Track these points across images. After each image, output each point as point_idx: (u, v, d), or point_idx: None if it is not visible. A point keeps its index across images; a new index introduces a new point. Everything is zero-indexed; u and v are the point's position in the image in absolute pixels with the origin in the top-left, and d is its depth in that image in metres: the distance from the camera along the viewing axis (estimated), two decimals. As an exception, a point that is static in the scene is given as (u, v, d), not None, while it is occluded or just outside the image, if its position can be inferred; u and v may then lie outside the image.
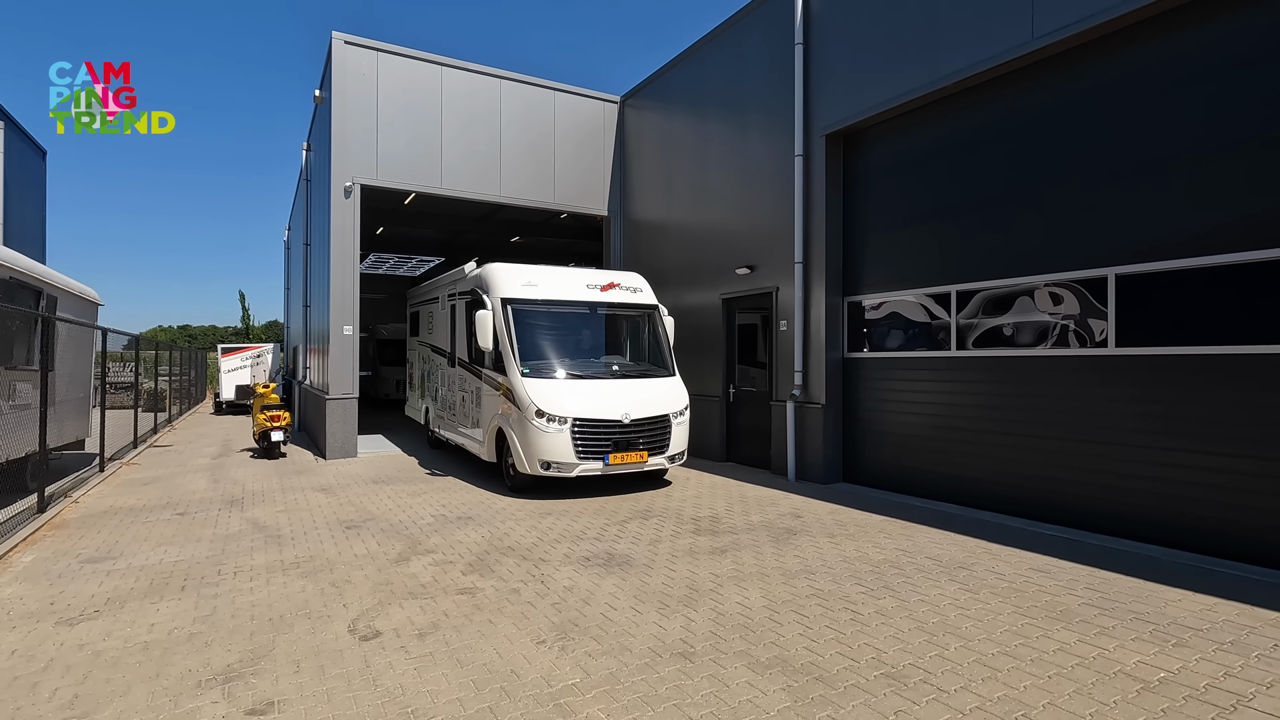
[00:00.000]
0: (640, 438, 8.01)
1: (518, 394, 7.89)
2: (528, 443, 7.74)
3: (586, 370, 8.57)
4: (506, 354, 8.22)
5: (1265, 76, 5.38)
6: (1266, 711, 3.16)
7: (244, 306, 40.40)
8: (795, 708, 3.24)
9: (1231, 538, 5.46)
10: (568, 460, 7.67)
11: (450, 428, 10.68)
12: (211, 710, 3.28)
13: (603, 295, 9.17)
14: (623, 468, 7.90)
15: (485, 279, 8.90)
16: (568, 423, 7.67)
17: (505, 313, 8.41)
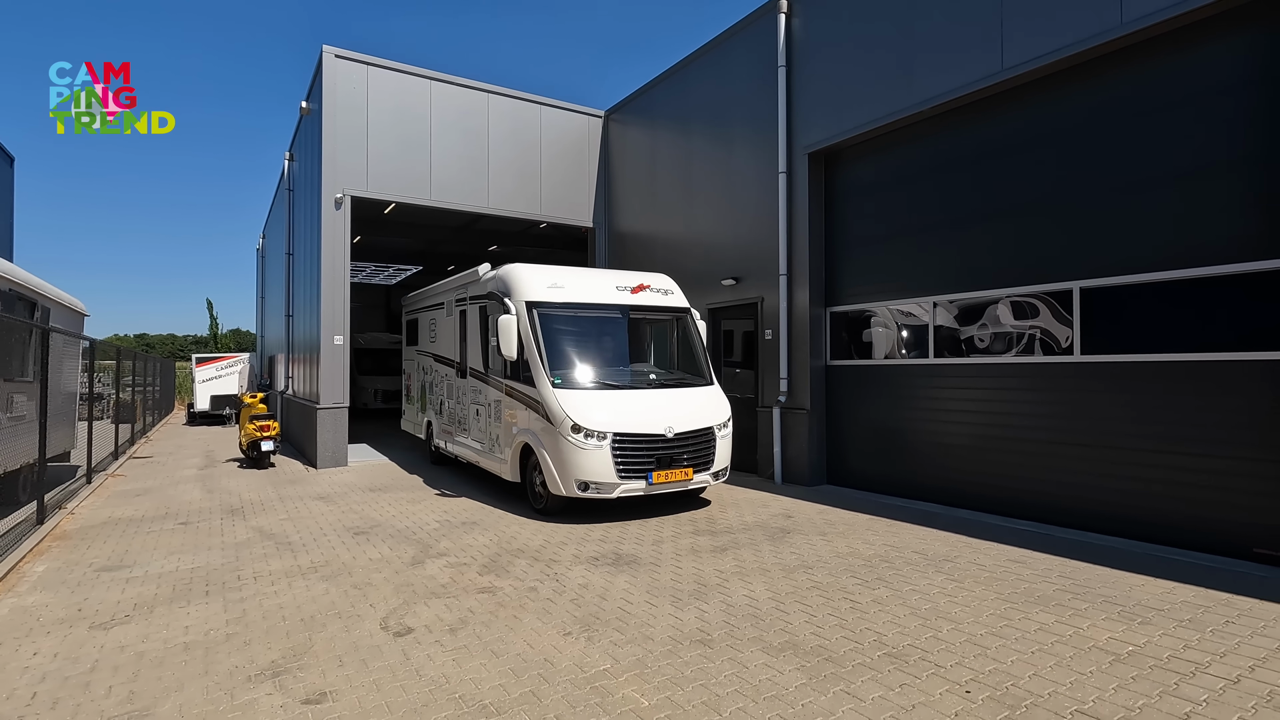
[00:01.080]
0: (685, 453, 7.32)
1: (549, 407, 7.18)
2: (562, 461, 7.03)
3: (623, 380, 7.91)
4: (534, 363, 7.51)
5: (1205, 112, 5.94)
6: (1221, 676, 3.59)
7: (212, 314, 39.70)
8: (811, 684, 3.57)
9: (1188, 530, 5.97)
10: (608, 480, 6.97)
11: (460, 444, 9.93)
12: (268, 701, 3.49)
13: (633, 298, 8.49)
14: (666, 487, 7.23)
15: (507, 281, 8.20)
16: (607, 438, 6.98)
17: (531, 318, 7.70)
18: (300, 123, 14.44)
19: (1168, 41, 6.18)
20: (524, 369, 7.69)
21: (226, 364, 21.78)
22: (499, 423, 8.35)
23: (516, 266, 8.37)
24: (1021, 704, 3.33)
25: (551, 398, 7.21)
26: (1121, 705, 3.31)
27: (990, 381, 7.57)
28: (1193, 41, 6.05)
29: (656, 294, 8.77)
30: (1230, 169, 5.83)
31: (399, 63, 12.23)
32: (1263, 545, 5.51)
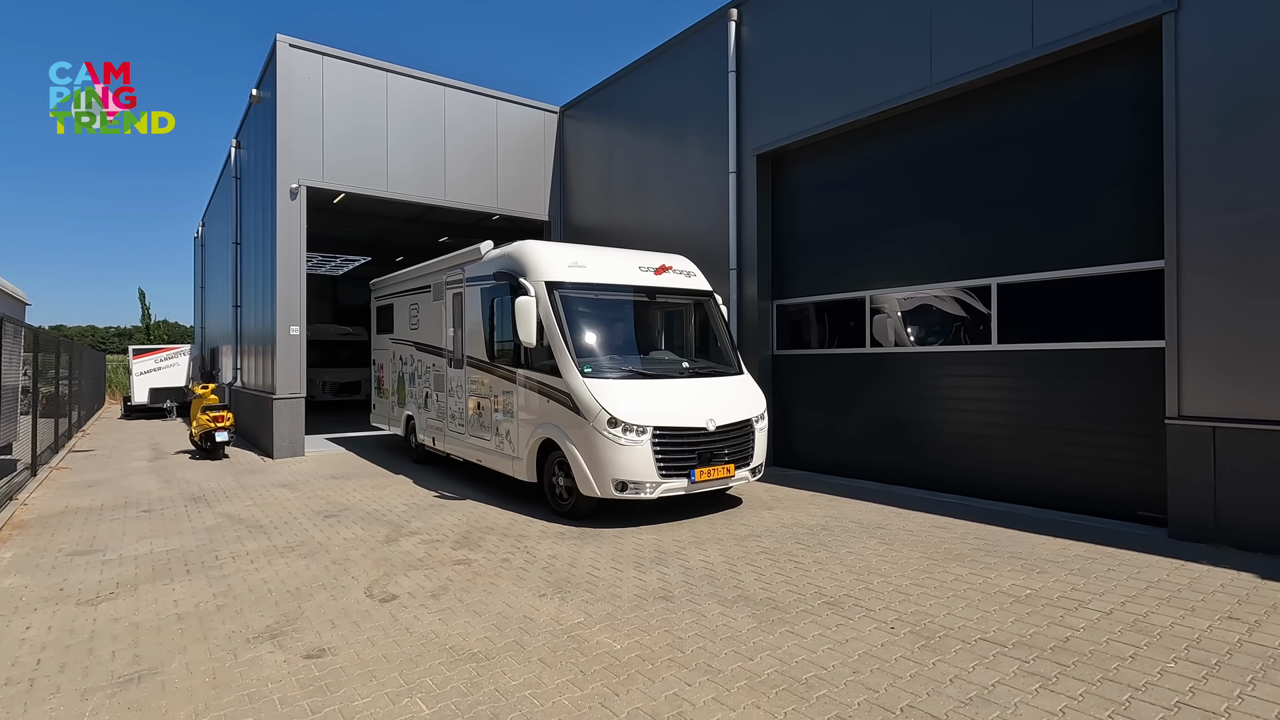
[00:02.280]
0: (726, 447, 6.79)
1: (580, 399, 6.52)
2: (597, 459, 6.38)
3: (656, 368, 7.38)
4: (559, 350, 6.83)
5: (1099, 131, 6.74)
6: (1098, 610, 4.29)
7: (144, 305, 38.03)
8: (760, 627, 4.11)
9: (1084, 497, 6.79)
10: (648, 479, 6.37)
11: (455, 440, 9.11)
12: (271, 658, 3.81)
13: (657, 279, 7.89)
14: (709, 484, 6.71)
15: (521, 260, 7.50)
16: (647, 433, 6.36)
17: (552, 300, 7.03)
18: (249, 110, 14.22)
19: (1070, 66, 6.95)
20: (543, 356, 7.06)
21: (166, 356, 21.14)
22: (510, 417, 7.65)
23: (531, 243, 7.75)
24: (936, 635, 3.94)
25: (582, 388, 6.55)
26: (1016, 633, 3.95)
27: (921, 369, 8.30)
28: (1089, 68, 6.83)
29: (679, 275, 8.19)
30: (1120, 181, 6.64)
31: (355, 54, 12.26)
32: (1145, 508, 6.36)
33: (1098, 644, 3.79)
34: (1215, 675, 3.41)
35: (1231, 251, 5.67)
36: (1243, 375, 5.60)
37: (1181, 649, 3.71)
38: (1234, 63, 5.69)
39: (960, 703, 3.18)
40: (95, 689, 3.48)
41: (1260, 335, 5.52)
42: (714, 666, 3.60)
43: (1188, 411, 5.88)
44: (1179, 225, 5.94)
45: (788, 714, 3.11)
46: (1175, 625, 4.03)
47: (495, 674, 3.56)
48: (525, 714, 3.16)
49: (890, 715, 3.08)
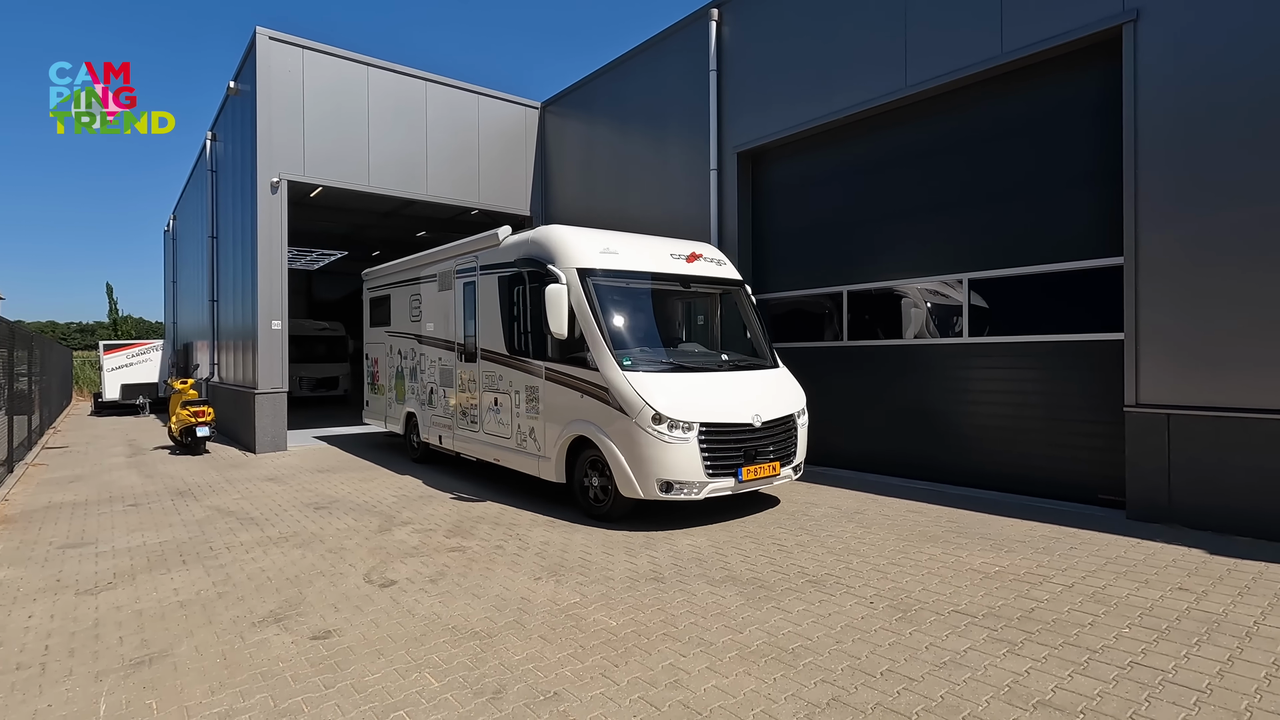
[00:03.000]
0: (770, 444, 6.49)
1: (621, 394, 6.16)
2: (640, 457, 6.04)
3: (695, 361, 7.11)
4: (595, 341, 6.46)
5: (1066, 132, 7.07)
6: (1060, 584, 4.59)
7: (112, 300, 37.17)
8: (748, 604, 4.33)
9: (1050, 482, 7.15)
10: (695, 479, 6.04)
11: (466, 439, 8.68)
12: (279, 640, 3.93)
13: (690, 267, 7.55)
14: (755, 484, 6.40)
15: (548, 245, 7.12)
16: (693, 429, 6.04)
17: (586, 288, 6.64)
18: (226, 103, 14.08)
19: (1039, 71, 7.27)
20: (575, 349, 6.69)
21: (139, 351, 20.78)
22: (534, 413, 7.26)
23: (560, 228, 7.42)
24: (911, 608, 4.20)
25: (623, 383, 6.18)
26: (985, 604, 4.23)
27: (895, 361, 8.61)
28: (1057, 73, 7.16)
29: (710, 264, 7.84)
30: (1087, 181, 6.98)
31: (335, 47, 12.22)
32: (1105, 492, 6.72)
33: (1060, 613, 4.09)
34: (1165, 639, 3.71)
35: (1184, 251, 6.03)
36: (1194, 366, 5.97)
37: (1135, 616, 4.02)
38: (1188, 72, 6.03)
39: (935, 666, 3.44)
40: (108, 671, 3.58)
41: (1209, 329, 5.88)
42: (706, 640, 3.81)
43: (1144, 400, 6.24)
44: (1136, 225, 6.28)
45: (777, 679, 3.34)
46: (1130, 596, 4.34)
47: (499, 650, 3.73)
48: (530, 685, 3.34)
49: (871, 679, 3.33)
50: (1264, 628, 3.83)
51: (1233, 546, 5.33)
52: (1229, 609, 4.10)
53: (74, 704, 3.25)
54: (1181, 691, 3.15)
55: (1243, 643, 3.65)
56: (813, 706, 3.08)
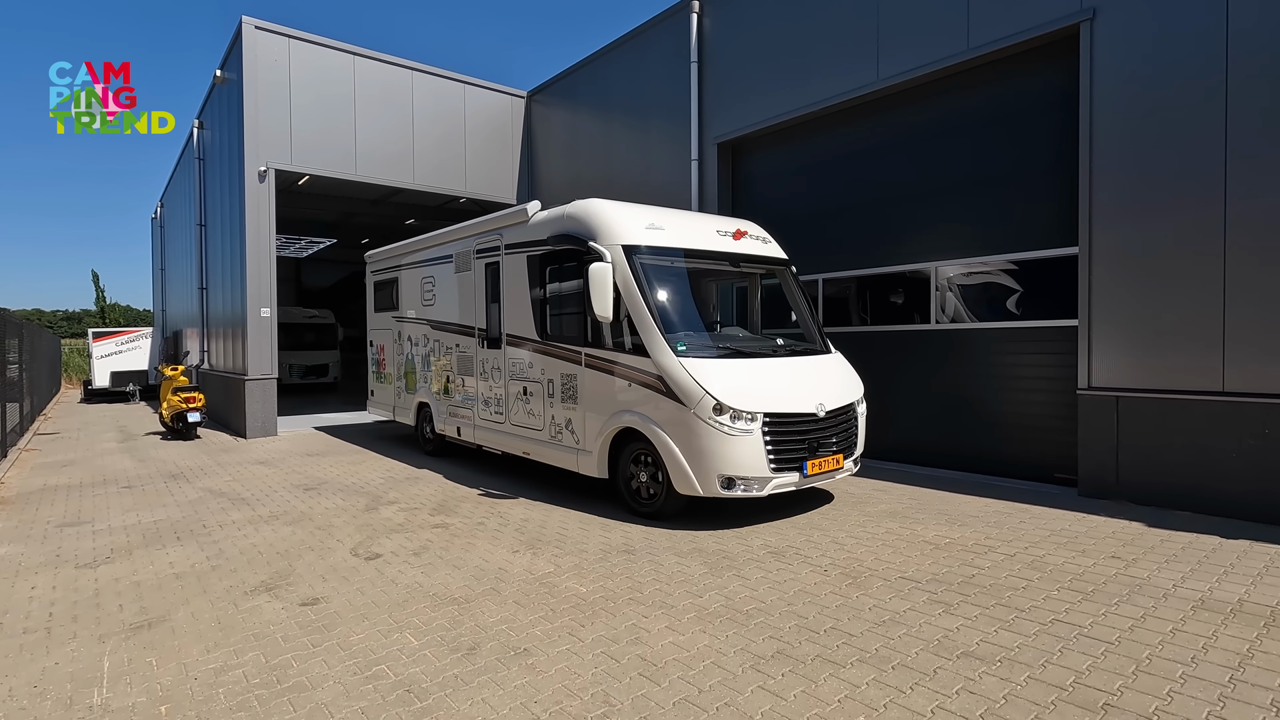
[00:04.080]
0: (833, 435, 6.07)
1: (676, 382, 5.69)
2: (700, 451, 5.58)
3: (751, 346, 6.70)
4: (645, 325, 5.97)
5: (1028, 126, 7.35)
6: (1005, 554, 4.92)
7: (98, 288, 37.02)
8: (711, 573, 4.64)
9: (1010, 462, 7.48)
10: (759, 474, 5.61)
11: (489, 431, 8.17)
12: (270, 606, 4.21)
13: (737, 245, 7.09)
14: (820, 478, 5.98)
15: (589, 220, 6.59)
16: (757, 420, 5.60)
17: (633, 267, 6.14)
18: (212, 91, 14.14)
19: (1004, 66, 7.52)
20: (621, 333, 6.23)
21: (128, 339, 20.86)
22: (571, 403, 6.77)
23: (600, 202, 6.81)
24: (862, 575, 4.52)
25: (679, 370, 5.70)
26: (931, 572, 4.55)
27: (870, 348, 8.90)
28: (1021, 68, 7.42)
29: (756, 242, 7.37)
30: (1050, 173, 7.26)
31: (321, 36, 12.31)
32: (1060, 471, 7.06)
33: (998, 579, 4.41)
34: (1089, 600, 4.04)
35: (1133, 242, 6.33)
36: (1141, 350, 6.29)
37: (1066, 580, 4.35)
38: (1140, 70, 6.31)
39: (874, 624, 3.75)
40: (110, 634, 3.84)
41: (1155, 315, 6.20)
42: (668, 603, 4.11)
43: (1096, 383, 6.57)
44: (1091, 216, 6.58)
45: (729, 636, 3.64)
46: (1065, 563, 4.67)
47: (475, 613, 4.02)
48: (503, 642, 3.63)
49: (815, 635, 3.63)
50: (1181, 590, 4.16)
51: (1171, 520, 5.67)
52: (1153, 574, 4.43)
53: (80, 662, 3.51)
54: (1093, 643, 3.47)
55: (1159, 603, 3.98)
56: (758, 658, 3.39)
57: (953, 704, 2.93)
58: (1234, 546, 4.96)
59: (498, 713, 2.95)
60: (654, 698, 3.04)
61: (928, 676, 3.17)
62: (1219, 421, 5.82)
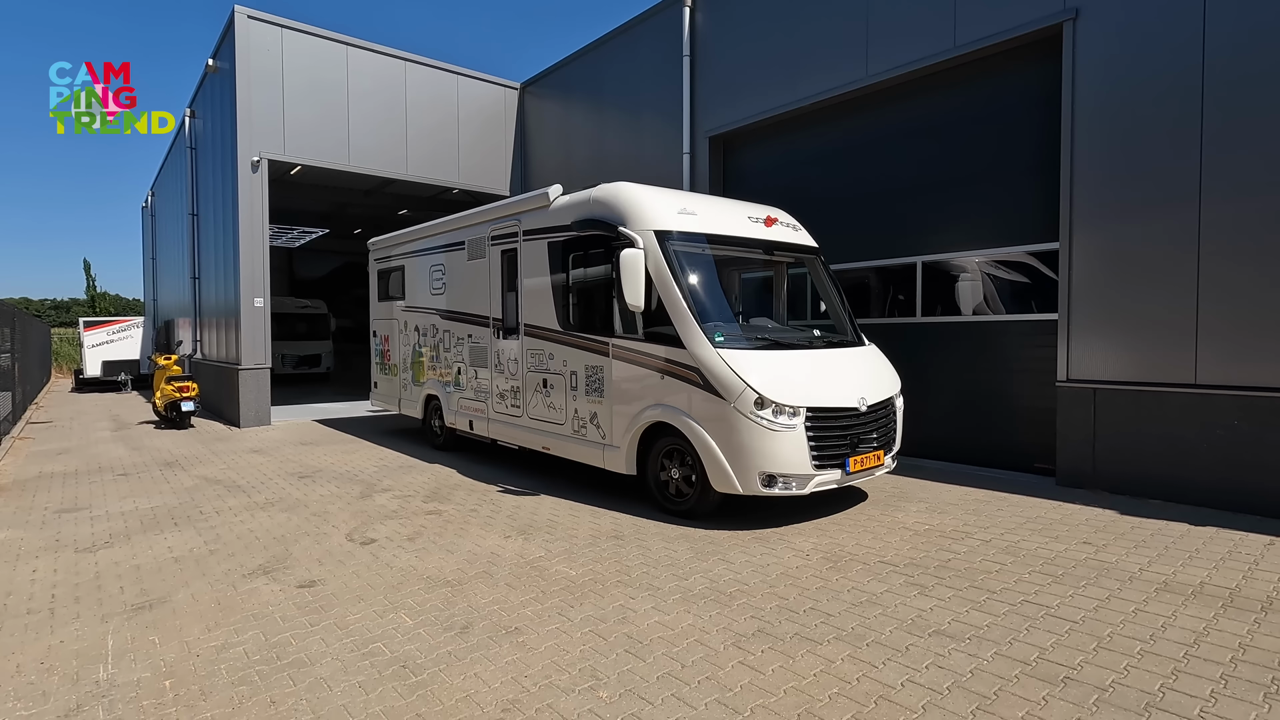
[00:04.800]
0: (874, 431, 5.86)
1: (715, 374, 5.44)
2: (739, 447, 5.35)
3: (788, 338, 6.53)
4: (680, 315, 5.71)
5: (1013, 124, 7.49)
6: (981, 540, 5.09)
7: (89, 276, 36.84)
8: (696, 557, 4.79)
9: (992, 452, 7.67)
10: (801, 471, 5.38)
11: (505, 424, 7.89)
12: (268, 588, 4.33)
13: (768, 232, 6.83)
14: (861, 476, 5.79)
15: (618, 204, 6.29)
16: (800, 415, 5.37)
17: (666, 253, 5.88)
18: (204, 80, 14.10)
19: (990, 64, 7.65)
20: (653, 323, 5.95)
21: (119, 328, 20.83)
22: (596, 396, 6.51)
23: (628, 185, 6.50)
24: (842, 559, 4.68)
25: (717, 362, 5.46)
26: (909, 557, 4.72)
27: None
28: (1007, 66, 7.55)
29: (787, 229, 7.13)
30: (1028, 171, 7.40)
31: (313, 26, 12.31)
32: (1040, 461, 7.25)
33: (973, 563, 4.58)
34: (1058, 582, 4.21)
35: (1111, 238, 6.49)
36: (1118, 343, 6.46)
37: (1038, 565, 4.52)
38: (1121, 70, 6.45)
39: (852, 605, 3.91)
40: (112, 614, 3.96)
41: (1132, 309, 6.37)
42: (655, 586, 4.26)
43: (1074, 375, 6.74)
44: (1071, 212, 6.73)
45: (712, 616, 3.79)
46: (1038, 549, 4.85)
47: (468, 595, 4.16)
48: (495, 622, 3.77)
49: (794, 615, 3.79)
50: (1147, 574, 4.34)
51: (1144, 508, 5.86)
52: (1121, 559, 4.61)
53: (84, 640, 3.63)
54: (1058, 623, 3.64)
55: (1124, 585, 4.15)
56: (739, 636, 3.54)
57: (922, 678, 3.09)
58: (1201, 533, 5.15)
59: (490, 686, 3.08)
60: (639, 672, 3.18)
61: (900, 653, 3.33)
62: (1191, 413, 6.00)
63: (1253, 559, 4.58)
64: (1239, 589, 4.06)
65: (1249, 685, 2.99)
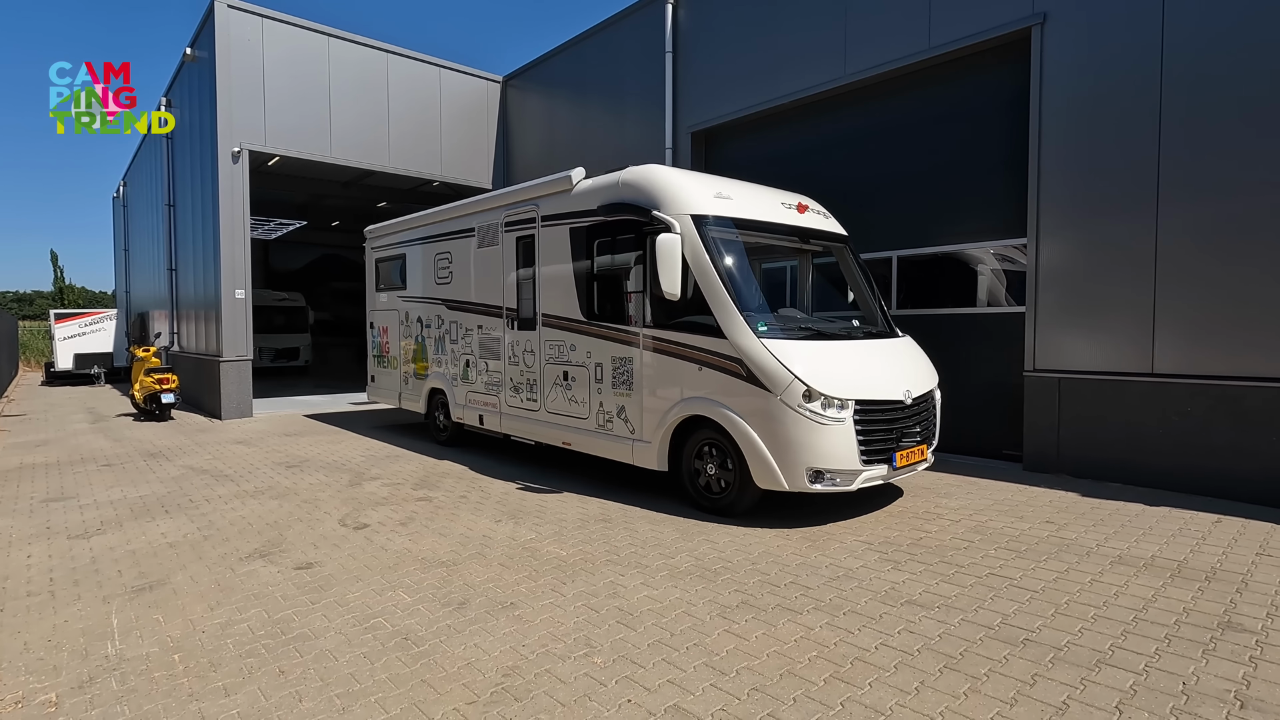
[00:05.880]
0: (917, 424, 5.70)
1: (760, 365, 5.22)
2: (785, 442, 5.14)
3: (830, 328, 6.32)
4: (719, 303, 5.49)
5: (985, 123, 7.77)
6: (951, 520, 5.36)
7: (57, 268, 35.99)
8: (682, 537, 4.99)
9: (964, 439, 7.96)
10: (849, 466, 5.18)
11: (520, 419, 7.61)
12: (266, 570, 4.44)
13: (801, 218, 6.66)
14: (907, 471, 5.60)
15: (651, 187, 6.04)
16: (848, 408, 5.17)
17: (704, 239, 5.65)
18: (181, 69, 13.95)
19: (963, 64, 7.92)
20: (689, 312, 5.72)
21: (92, 320, 20.48)
22: (624, 389, 6.26)
23: (659, 168, 6.36)
24: (821, 538, 4.92)
25: (761, 352, 5.24)
26: (883, 536, 4.97)
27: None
28: (979, 67, 7.82)
29: (818, 216, 6.95)
30: (998, 169, 7.69)
31: (294, 16, 12.25)
32: (1008, 448, 7.57)
33: (942, 541, 4.84)
34: (1021, 557, 4.48)
35: (1075, 233, 6.81)
36: (1081, 334, 6.79)
37: (1003, 542, 4.79)
38: (1086, 73, 6.74)
39: (830, 579, 4.14)
40: (113, 596, 4.05)
41: (1095, 302, 6.69)
42: (643, 564, 4.45)
43: (1040, 365, 7.06)
44: (1038, 209, 7.03)
45: (700, 591, 3.99)
46: (1004, 528, 5.13)
47: (463, 574, 4.31)
48: (491, 598, 3.93)
49: (776, 588, 4.01)
50: (1103, 549, 4.63)
51: (1104, 490, 6.18)
52: (1080, 536, 4.90)
53: (88, 619, 3.72)
54: (1020, 592, 3.90)
55: (1082, 559, 4.43)
56: (724, 607, 3.74)
57: (894, 641, 3.32)
58: (1154, 513, 5.47)
59: (490, 655, 3.25)
60: (630, 641, 3.37)
61: (874, 620, 3.56)
62: (1148, 401, 6.33)
63: (1201, 535, 4.89)
64: (1186, 561, 4.36)
65: (1190, 644, 3.26)
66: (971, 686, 2.91)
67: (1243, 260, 5.87)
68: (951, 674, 3.01)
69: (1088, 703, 2.77)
